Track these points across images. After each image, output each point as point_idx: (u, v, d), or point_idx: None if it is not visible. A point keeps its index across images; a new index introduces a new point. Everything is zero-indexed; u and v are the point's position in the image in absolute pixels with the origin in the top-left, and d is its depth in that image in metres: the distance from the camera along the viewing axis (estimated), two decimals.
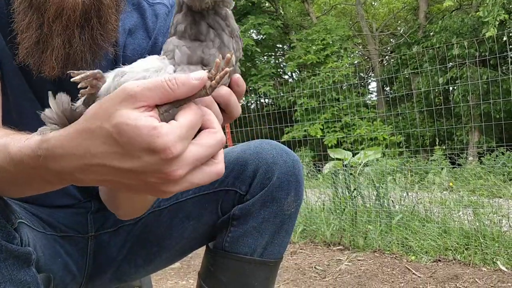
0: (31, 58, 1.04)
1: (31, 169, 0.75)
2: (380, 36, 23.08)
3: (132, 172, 0.66)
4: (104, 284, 1.39)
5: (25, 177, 0.79)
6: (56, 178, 0.75)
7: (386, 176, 5.02)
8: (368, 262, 3.76)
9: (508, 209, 4.14)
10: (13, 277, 0.87)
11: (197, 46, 0.76)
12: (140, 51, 1.25)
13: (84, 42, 1.05)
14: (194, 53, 0.75)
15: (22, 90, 1.14)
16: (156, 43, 1.27)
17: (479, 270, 3.28)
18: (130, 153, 0.65)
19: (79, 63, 1.07)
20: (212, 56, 0.75)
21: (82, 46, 1.05)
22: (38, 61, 1.04)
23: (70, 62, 1.06)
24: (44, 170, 0.73)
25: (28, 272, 0.91)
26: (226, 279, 1.29)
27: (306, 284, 3.39)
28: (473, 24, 16.06)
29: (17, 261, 0.89)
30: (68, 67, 1.06)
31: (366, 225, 4.41)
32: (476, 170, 6.16)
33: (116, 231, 1.35)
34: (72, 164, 0.70)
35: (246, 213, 1.27)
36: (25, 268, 0.90)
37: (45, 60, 1.04)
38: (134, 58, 1.23)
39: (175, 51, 0.76)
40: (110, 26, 1.09)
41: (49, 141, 0.72)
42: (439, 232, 3.95)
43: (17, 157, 0.76)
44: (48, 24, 1.01)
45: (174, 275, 3.93)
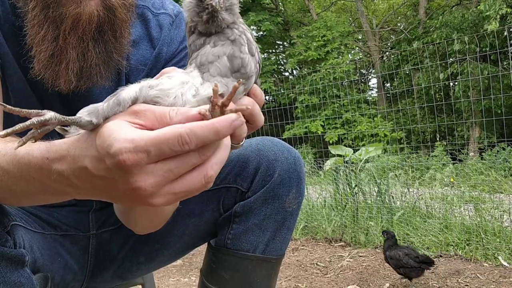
0: (46, 71, 1.03)
1: (36, 171, 0.76)
2: (380, 32, 23.03)
3: (105, 179, 0.68)
4: (106, 282, 1.39)
5: (27, 181, 0.79)
6: (57, 183, 0.75)
7: (387, 172, 5.02)
8: (370, 258, 3.76)
9: (509, 204, 4.14)
10: (6, 279, 0.88)
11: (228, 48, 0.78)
12: (143, 61, 1.24)
13: (98, 55, 1.05)
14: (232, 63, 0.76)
15: (24, 93, 1.14)
16: (160, 53, 1.26)
17: (481, 266, 3.28)
18: (100, 156, 0.66)
19: (94, 77, 1.07)
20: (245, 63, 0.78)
21: (96, 60, 1.05)
22: (53, 75, 1.04)
23: (84, 76, 1.06)
24: (47, 172, 0.74)
25: (22, 273, 0.91)
26: (228, 276, 1.29)
27: (308, 280, 3.40)
28: (473, 19, 16.03)
29: (10, 263, 0.89)
30: (82, 80, 1.06)
31: (368, 221, 4.42)
32: (477, 166, 6.16)
33: (117, 229, 1.35)
34: (69, 166, 0.71)
35: (248, 210, 1.28)
36: (19, 269, 0.91)
37: (60, 73, 1.03)
38: (138, 69, 1.24)
39: (214, 63, 0.76)
40: (124, 40, 1.09)
41: (56, 143, 0.74)
42: (441, 227, 3.96)
43: (24, 160, 0.77)
44: (63, 36, 1.00)
45: (176, 272, 3.94)
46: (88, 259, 1.32)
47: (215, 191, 1.31)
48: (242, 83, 0.74)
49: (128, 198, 0.69)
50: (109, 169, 0.65)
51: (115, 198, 0.73)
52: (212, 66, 0.75)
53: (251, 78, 0.77)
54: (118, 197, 0.71)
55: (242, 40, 0.78)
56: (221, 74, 0.75)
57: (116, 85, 1.23)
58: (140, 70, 1.25)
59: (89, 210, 1.34)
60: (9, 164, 0.80)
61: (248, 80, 0.76)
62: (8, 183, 0.81)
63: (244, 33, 0.80)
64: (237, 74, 0.75)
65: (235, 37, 0.78)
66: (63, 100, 1.17)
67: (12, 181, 0.81)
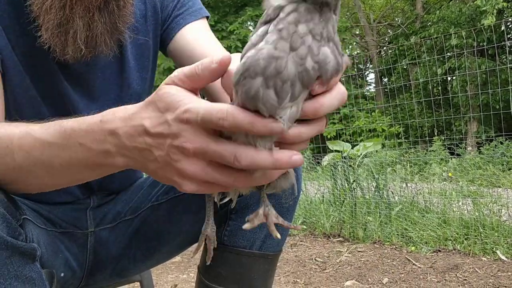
0: (54, 40, 1.05)
1: (85, 135, 0.75)
2: (377, 27, 23.01)
3: (159, 137, 0.68)
4: (105, 279, 1.39)
5: (71, 150, 0.79)
6: (101, 144, 0.74)
7: (385, 168, 5.02)
8: (368, 253, 3.77)
9: (507, 199, 4.15)
10: (18, 274, 0.86)
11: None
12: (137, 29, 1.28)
13: (103, 25, 1.08)
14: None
15: (23, 87, 1.14)
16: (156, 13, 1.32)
17: (479, 260, 3.29)
18: (163, 117, 0.67)
19: (99, 47, 1.10)
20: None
21: (102, 29, 1.08)
22: (61, 44, 1.06)
23: (90, 45, 1.08)
24: (98, 134, 0.74)
25: (33, 268, 0.91)
26: (225, 273, 1.29)
27: (306, 276, 3.40)
28: (470, 14, 16.02)
29: (22, 257, 0.88)
30: (88, 50, 1.09)
31: (366, 216, 4.42)
32: (475, 160, 6.17)
33: (115, 226, 1.35)
34: (124, 124, 0.72)
35: (244, 206, 1.27)
36: (30, 264, 0.90)
37: (68, 42, 1.06)
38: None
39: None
40: (127, 10, 1.12)
41: (110, 109, 0.75)
42: (439, 222, 3.96)
43: (70, 128, 0.78)
44: (70, 5, 1.03)
45: (174, 269, 3.94)
46: (87, 257, 1.32)
47: None
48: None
49: (164, 171, 0.70)
50: (168, 125, 0.66)
51: (150, 165, 0.72)
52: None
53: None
54: (156, 165, 0.70)
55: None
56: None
57: (120, 58, 1.26)
58: (135, 31, 1.29)
59: (87, 207, 1.34)
60: (53, 136, 0.80)
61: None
62: (50, 155, 0.81)
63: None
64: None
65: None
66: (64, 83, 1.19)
67: (54, 153, 0.80)
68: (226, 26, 15.45)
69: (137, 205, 1.35)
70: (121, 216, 1.35)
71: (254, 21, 19.42)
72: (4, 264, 0.83)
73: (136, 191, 1.38)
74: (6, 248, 0.84)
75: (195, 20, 1.35)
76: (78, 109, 1.23)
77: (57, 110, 1.21)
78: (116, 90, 1.29)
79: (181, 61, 1.34)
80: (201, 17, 1.37)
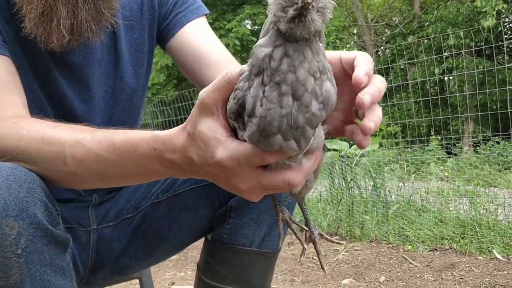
0: (38, 29, 1.06)
1: (144, 158, 0.85)
2: (375, 26, 23.03)
3: (211, 172, 0.79)
4: (105, 277, 1.39)
5: (129, 166, 0.88)
6: (167, 168, 0.85)
7: (383, 167, 5.03)
8: (365, 252, 3.78)
9: (503, 198, 4.16)
10: (52, 262, 0.88)
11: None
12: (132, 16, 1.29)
13: (88, 11, 1.08)
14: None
15: (26, 80, 1.15)
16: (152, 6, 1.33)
17: (475, 259, 3.30)
18: (206, 158, 0.77)
19: (85, 33, 1.10)
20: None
21: (86, 15, 1.08)
22: (45, 32, 1.06)
23: (76, 32, 1.09)
24: (157, 160, 0.84)
25: (64, 258, 0.93)
26: (224, 270, 1.29)
27: (303, 274, 3.41)
28: (468, 14, 16.05)
29: (57, 246, 0.90)
30: (74, 37, 1.09)
31: (363, 215, 4.43)
32: (471, 160, 6.18)
33: (117, 224, 1.35)
34: (180, 156, 0.81)
35: (243, 204, 1.27)
36: (63, 254, 0.93)
37: (52, 30, 1.06)
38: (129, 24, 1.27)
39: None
40: None
41: (160, 134, 0.84)
42: (435, 221, 3.97)
43: (125, 148, 0.87)
44: None
45: (172, 266, 3.95)
46: (90, 254, 1.32)
47: (210, 185, 1.31)
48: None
49: (229, 188, 0.80)
50: (212, 167, 0.76)
51: (218, 183, 0.82)
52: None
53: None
54: (221, 183, 0.81)
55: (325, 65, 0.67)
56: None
57: (112, 42, 1.26)
58: (131, 25, 1.30)
59: (89, 205, 1.34)
60: (107, 152, 0.88)
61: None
62: (104, 167, 0.89)
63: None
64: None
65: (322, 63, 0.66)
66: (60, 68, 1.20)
67: (109, 166, 0.89)
68: (224, 24, 15.41)
69: (138, 203, 1.36)
70: (123, 214, 1.35)
71: (252, 19, 19.39)
72: (42, 251, 0.86)
73: (137, 189, 1.39)
74: (46, 236, 0.87)
75: (196, 18, 1.35)
76: (74, 104, 1.23)
77: (54, 105, 1.22)
78: (110, 83, 1.29)
79: (182, 59, 1.34)
80: (201, 15, 1.37)
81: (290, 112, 0.63)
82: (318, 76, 0.64)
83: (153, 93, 15.54)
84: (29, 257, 0.84)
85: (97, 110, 1.28)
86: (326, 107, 0.66)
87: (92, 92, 1.26)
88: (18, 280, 0.83)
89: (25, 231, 0.83)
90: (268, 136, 0.66)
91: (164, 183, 1.35)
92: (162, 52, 14.39)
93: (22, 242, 0.82)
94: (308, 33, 0.62)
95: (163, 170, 0.86)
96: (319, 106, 0.65)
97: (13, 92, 1.06)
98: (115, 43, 1.28)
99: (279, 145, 0.66)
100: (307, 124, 0.65)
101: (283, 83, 0.62)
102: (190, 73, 1.33)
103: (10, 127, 0.96)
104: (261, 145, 0.68)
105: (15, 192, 0.83)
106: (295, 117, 0.63)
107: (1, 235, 0.80)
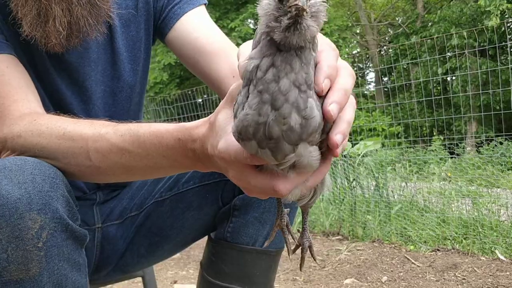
0: (36, 31, 1.06)
1: (169, 149, 0.86)
2: (378, 26, 22.99)
3: (219, 165, 0.79)
4: (109, 275, 1.39)
5: (154, 158, 0.89)
6: (189, 160, 0.86)
7: (385, 167, 5.02)
8: (367, 251, 3.77)
9: (506, 199, 4.15)
10: (70, 257, 0.89)
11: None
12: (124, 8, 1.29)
13: (82, 6, 1.08)
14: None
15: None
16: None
17: (478, 259, 3.29)
18: (213, 148, 0.77)
19: (84, 29, 1.11)
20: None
21: (82, 11, 1.08)
22: (44, 33, 1.07)
23: (74, 30, 1.09)
24: (181, 151, 0.85)
25: (81, 254, 0.94)
26: (227, 269, 1.29)
27: (306, 273, 3.41)
28: (472, 14, 16.00)
29: (75, 241, 0.91)
30: (74, 35, 1.09)
31: (365, 215, 4.42)
32: (474, 160, 6.17)
33: (122, 223, 1.35)
34: (199, 146, 0.82)
35: (247, 203, 1.27)
36: (80, 249, 0.94)
37: (49, 30, 1.06)
38: (126, 20, 1.28)
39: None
40: None
41: (186, 125, 0.86)
42: (438, 221, 3.97)
43: (150, 141, 0.88)
44: None
45: (174, 265, 3.95)
46: (94, 253, 1.32)
47: (214, 184, 1.31)
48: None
49: (234, 182, 0.79)
50: (216, 158, 0.77)
51: (227, 176, 0.81)
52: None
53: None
54: (228, 176, 0.80)
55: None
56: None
57: (108, 41, 1.26)
58: (127, 23, 1.30)
59: (93, 203, 1.35)
60: (131, 145, 0.89)
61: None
62: (129, 160, 0.90)
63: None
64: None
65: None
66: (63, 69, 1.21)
67: (134, 159, 0.90)
68: (227, 23, 15.43)
69: (142, 201, 1.36)
70: (127, 212, 1.36)
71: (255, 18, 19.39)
72: (61, 246, 0.86)
73: (140, 187, 1.39)
74: (66, 230, 0.88)
75: (192, 9, 1.34)
76: (72, 105, 1.24)
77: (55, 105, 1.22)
78: (108, 82, 1.30)
79: (181, 51, 1.33)
80: (198, 5, 1.36)
81: (266, 121, 0.61)
82: (304, 88, 0.61)
83: (156, 92, 15.55)
84: (49, 251, 0.84)
85: (97, 109, 1.28)
86: (308, 124, 0.62)
87: (90, 92, 1.26)
88: (37, 273, 0.83)
89: (47, 225, 0.83)
90: (244, 140, 0.65)
91: (168, 181, 1.35)
92: (165, 51, 14.39)
93: (44, 236, 0.83)
94: (304, 41, 0.60)
95: (187, 161, 0.87)
96: (300, 120, 0.61)
97: (27, 89, 1.07)
98: (111, 42, 1.28)
99: (254, 151, 0.65)
100: (283, 137, 0.62)
101: (265, 92, 0.61)
102: (191, 64, 1.32)
103: (29, 124, 0.97)
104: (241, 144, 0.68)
105: (39, 186, 0.84)
106: (271, 127, 0.61)
107: (24, 228, 0.81)
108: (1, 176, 0.82)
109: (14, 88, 1.05)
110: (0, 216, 0.80)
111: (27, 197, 0.82)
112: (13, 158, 0.88)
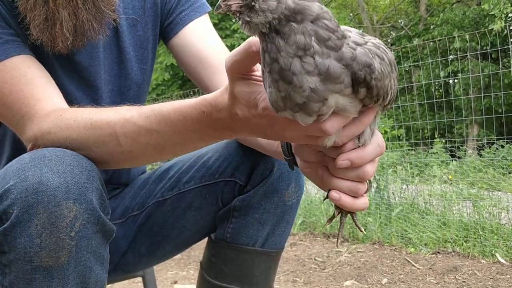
0: (44, 34, 1.08)
1: (196, 123, 0.88)
2: (380, 28, 23.00)
3: (257, 124, 0.81)
4: (109, 275, 1.39)
5: (183, 134, 0.91)
6: (218, 130, 0.88)
7: (386, 169, 5.02)
8: (368, 254, 3.78)
9: (507, 202, 4.15)
10: (96, 250, 0.90)
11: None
12: (135, 13, 1.31)
13: (88, 11, 1.10)
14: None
15: None
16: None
17: (478, 262, 3.29)
18: (250, 111, 0.80)
19: (88, 32, 1.12)
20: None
21: (87, 15, 1.10)
22: (51, 37, 1.09)
23: (79, 33, 1.11)
24: (207, 122, 0.87)
25: (106, 248, 0.95)
26: (228, 269, 1.30)
27: (306, 275, 3.41)
28: (474, 17, 16.00)
29: (103, 235, 0.92)
30: (78, 38, 1.12)
31: (366, 217, 4.43)
32: (475, 163, 6.16)
33: (124, 222, 1.36)
34: (226, 114, 0.84)
35: (247, 204, 1.28)
36: (105, 244, 0.94)
37: (57, 34, 1.08)
38: (132, 21, 1.30)
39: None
40: None
41: (207, 97, 0.87)
42: (439, 224, 3.96)
43: (175, 117, 0.90)
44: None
45: (174, 265, 3.96)
46: None
47: (214, 184, 1.32)
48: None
49: (275, 136, 0.82)
50: (257, 118, 0.79)
51: (263, 134, 0.84)
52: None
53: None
54: (267, 133, 0.82)
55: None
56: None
57: (115, 40, 1.27)
58: (134, 23, 1.32)
59: None
60: (158, 124, 0.91)
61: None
62: (159, 140, 0.92)
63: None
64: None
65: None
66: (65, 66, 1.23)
67: (163, 138, 0.92)
68: (229, 24, 15.44)
69: (143, 200, 1.36)
70: (129, 212, 1.36)
71: None
72: (90, 238, 0.87)
73: (142, 186, 1.39)
74: (97, 223, 0.88)
75: (199, 17, 1.37)
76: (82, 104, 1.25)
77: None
78: (115, 81, 1.31)
79: (184, 58, 1.35)
80: (204, 13, 1.38)
81: (287, 93, 0.67)
82: (301, 54, 0.65)
83: (158, 93, 15.58)
84: (79, 241, 0.85)
85: None
86: (326, 77, 0.66)
87: (100, 91, 1.28)
88: (65, 262, 0.84)
89: (80, 215, 0.84)
90: (279, 111, 0.71)
91: (170, 181, 1.36)
92: (168, 52, 14.43)
93: (77, 226, 0.84)
94: (259, 28, 0.66)
95: (214, 132, 0.89)
96: (317, 79, 0.66)
97: (49, 87, 1.09)
98: (117, 41, 1.29)
99: (291, 116, 0.70)
100: (309, 100, 0.67)
101: (273, 72, 0.67)
102: (191, 73, 1.35)
103: (56, 120, 0.98)
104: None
105: (76, 177, 0.86)
106: (293, 97, 0.67)
107: (59, 216, 0.82)
108: (42, 164, 0.84)
109: (37, 87, 1.06)
110: (39, 202, 0.81)
111: (65, 186, 0.83)
112: (53, 149, 0.90)
